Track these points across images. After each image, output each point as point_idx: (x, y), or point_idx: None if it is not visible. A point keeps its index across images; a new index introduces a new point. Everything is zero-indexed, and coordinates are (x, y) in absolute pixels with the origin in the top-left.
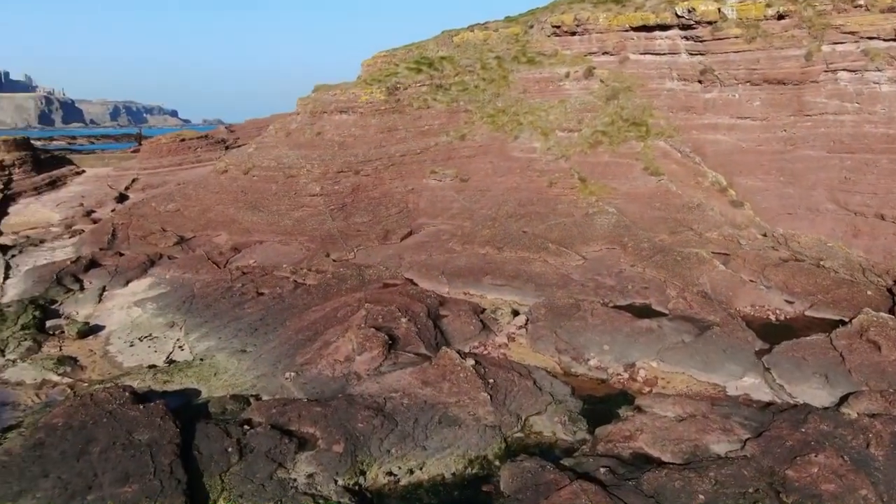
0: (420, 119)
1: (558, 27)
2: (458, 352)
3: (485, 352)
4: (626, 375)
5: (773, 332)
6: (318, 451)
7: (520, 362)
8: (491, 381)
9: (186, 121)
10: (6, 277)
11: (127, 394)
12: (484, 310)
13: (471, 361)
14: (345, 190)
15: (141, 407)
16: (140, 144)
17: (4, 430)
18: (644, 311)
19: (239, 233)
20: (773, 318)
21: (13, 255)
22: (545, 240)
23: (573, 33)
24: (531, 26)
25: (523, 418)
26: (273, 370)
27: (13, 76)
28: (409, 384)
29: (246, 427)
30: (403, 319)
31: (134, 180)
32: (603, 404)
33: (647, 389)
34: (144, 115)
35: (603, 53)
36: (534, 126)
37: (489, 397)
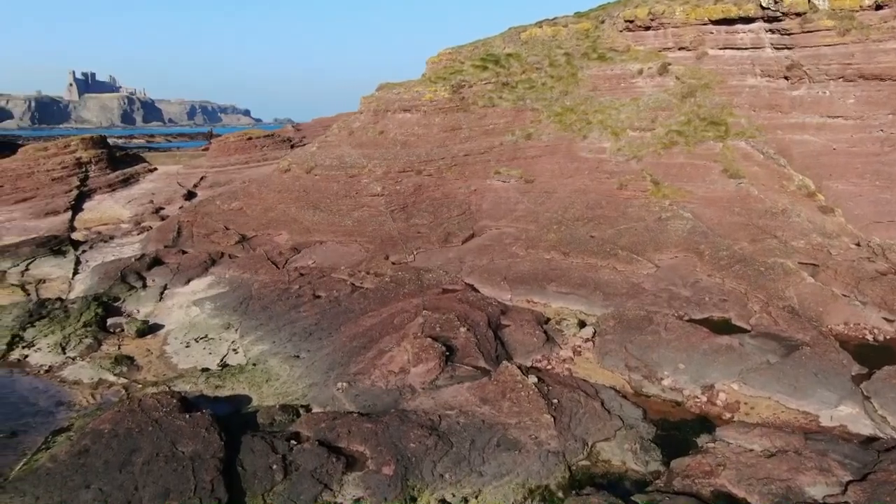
0: (485, 118)
1: (631, 22)
2: (520, 367)
3: (548, 366)
4: (703, 398)
5: (871, 355)
6: (367, 472)
7: (586, 379)
8: (555, 401)
9: (258, 120)
10: (75, 273)
11: (175, 401)
12: (548, 320)
13: (533, 379)
14: (406, 190)
15: (187, 416)
16: (210, 143)
17: (56, 433)
18: (723, 327)
19: (299, 232)
20: (870, 338)
21: (84, 251)
22: (614, 245)
23: (647, 28)
24: (602, 21)
25: (590, 444)
26: (325, 379)
27: (99, 77)
28: (467, 401)
29: (293, 442)
30: (462, 329)
31: (202, 178)
32: (678, 431)
33: (729, 416)
34: (219, 114)
35: (679, 49)
36: (604, 125)
37: (553, 419)
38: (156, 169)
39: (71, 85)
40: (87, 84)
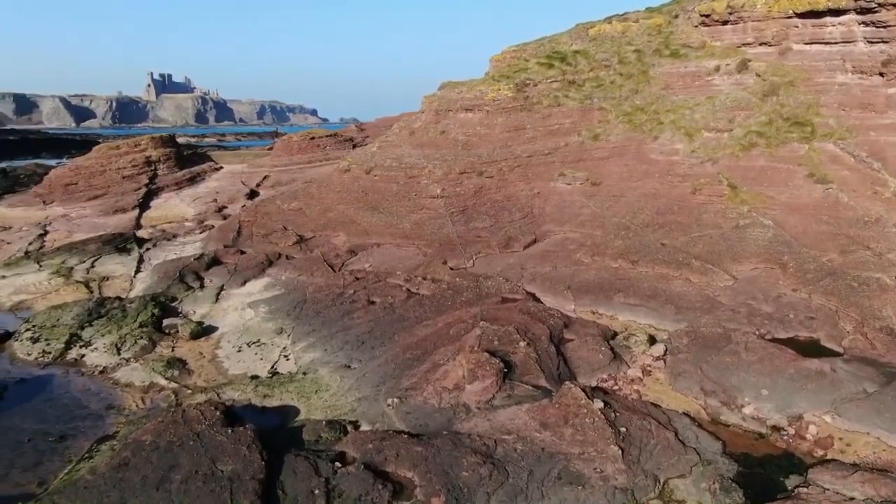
0: (550, 117)
1: (707, 16)
2: (584, 389)
3: (615, 387)
4: (791, 431)
5: None
6: (415, 502)
7: (657, 404)
8: (623, 429)
9: (325, 119)
10: (137, 271)
11: (218, 413)
12: (615, 334)
13: (599, 403)
14: (466, 192)
15: (229, 431)
16: (275, 142)
17: (101, 440)
18: (811, 348)
19: (357, 234)
20: None
21: (147, 249)
22: (687, 254)
23: (725, 22)
24: (676, 16)
25: (662, 481)
26: (375, 393)
27: (175, 78)
28: (525, 425)
29: (337, 465)
30: (522, 343)
31: (265, 177)
32: (763, 469)
33: (821, 453)
34: (287, 113)
35: (760, 44)
36: (676, 126)
37: (620, 451)
38: (221, 168)
39: (149, 86)
40: (164, 85)
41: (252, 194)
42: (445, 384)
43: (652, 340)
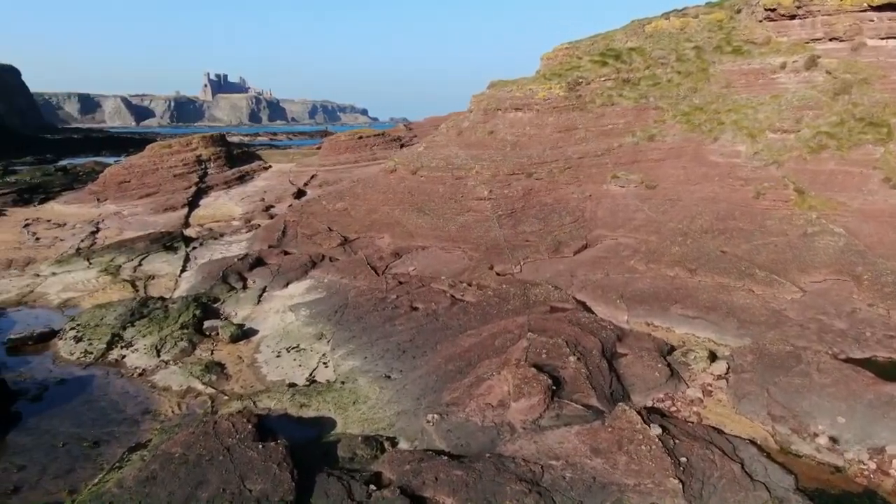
0: (603, 117)
1: (773, 10)
2: (640, 412)
3: (672, 408)
4: (871, 465)
5: None
6: None
7: (719, 429)
8: (683, 459)
9: (374, 119)
10: (183, 270)
11: (250, 426)
12: (672, 349)
13: (657, 429)
14: (515, 194)
15: (260, 447)
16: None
17: (133, 449)
18: (892, 371)
19: (402, 236)
20: None
21: (194, 248)
22: (750, 263)
23: (792, 17)
24: (738, 11)
25: None
26: (415, 407)
27: (231, 79)
28: (575, 450)
29: (372, 487)
30: (572, 358)
31: (312, 176)
32: None
33: None
34: (338, 113)
35: (830, 39)
36: (738, 126)
37: (680, 485)
38: (270, 167)
39: (205, 86)
40: (220, 85)
41: (299, 193)
42: (489, 400)
43: (713, 357)
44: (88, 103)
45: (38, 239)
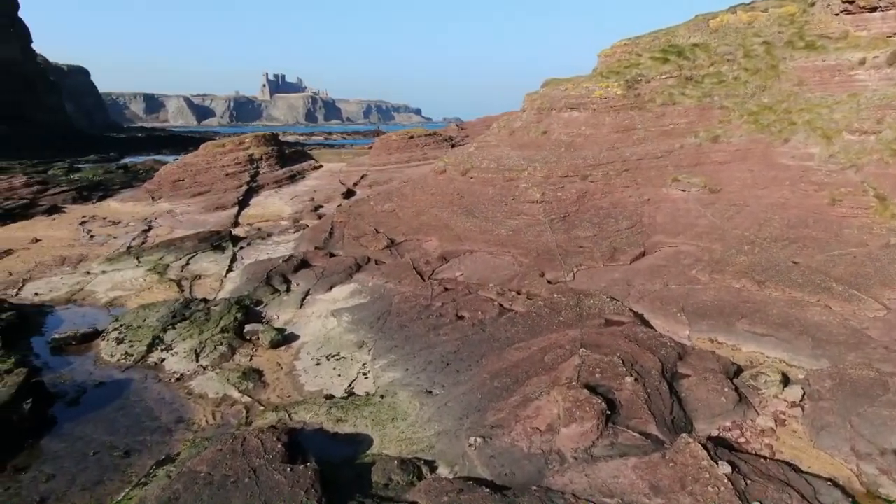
0: (663, 116)
1: (851, 3)
2: (706, 445)
3: (741, 438)
4: None
5: None
6: None
7: (795, 465)
8: None
9: (428, 118)
10: (229, 270)
11: (280, 445)
12: (739, 369)
13: (726, 467)
14: (569, 197)
15: (289, 469)
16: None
17: (160, 463)
18: None
19: (450, 240)
20: None
21: (241, 248)
22: (826, 277)
23: (873, 9)
24: (812, 4)
25: None
26: (457, 427)
27: (288, 79)
28: (632, 486)
29: None
30: (628, 378)
31: (362, 176)
32: None
33: None
34: (392, 113)
35: None
36: (811, 126)
37: None
38: (321, 166)
39: (264, 86)
40: (278, 85)
41: (349, 193)
42: (537, 424)
43: (785, 381)
44: (153, 103)
45: (92, 236)
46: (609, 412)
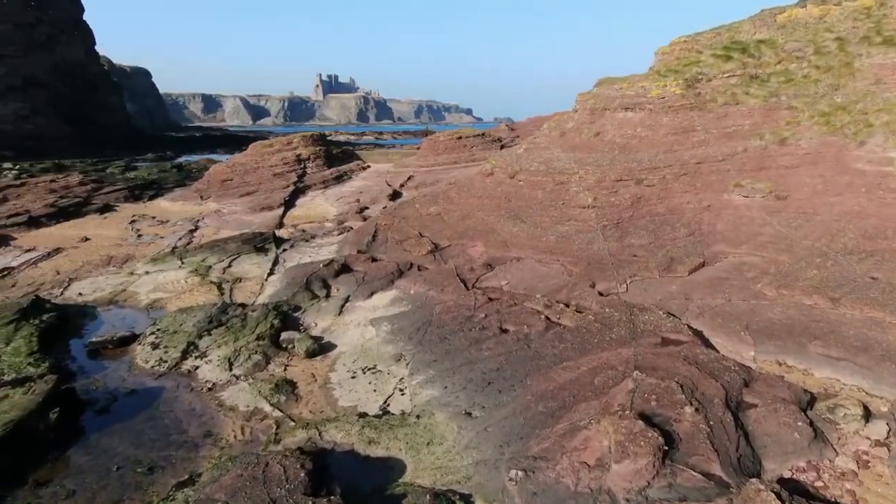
0: (725, 117)
1: None
2: (779, 493)
3: (818, 482)
4: None
5: None
6: None
7: None
8: None
9: (479, 119)
10: (270, 273)
11: (303, 474)
12: (812, 398)
13: None
14: (622, 202)
15: (311, 502)
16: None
17: (182, 484)
18: None
19: (495, 245)
20: None
21: (284, 250)
22: None
23: None
24: None
25: None
26: (497, 457)
27: (341, 79)
28: None
29: None
30: (688, 409)
31: (409, 178)
32: None
33: None
34: (443, 113)
35: None
36: (890, 128)
37: None
38: (368, 167)
39: (317, 86)
40: (331, 85)
41: (395, 195)
42: (585, 458)
43: (867, 414)
44: (211, 103)
45: (139, 236)
46: (666, 447)
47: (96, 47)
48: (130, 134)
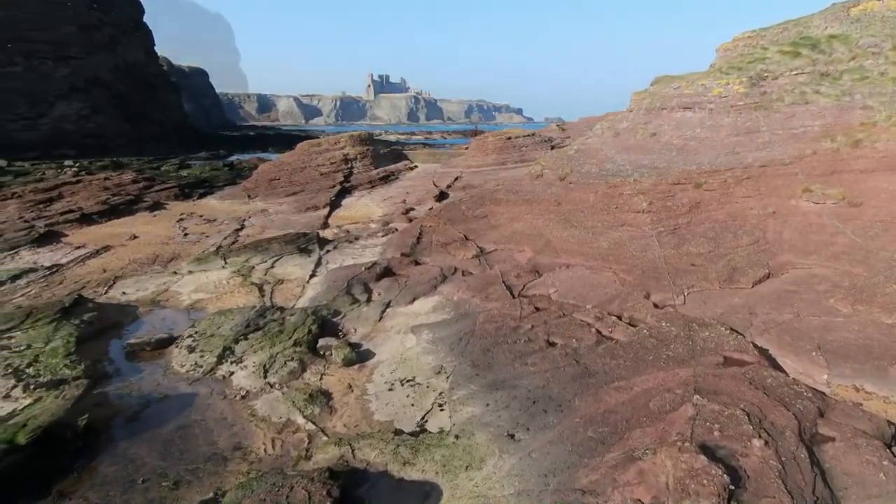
0: (793, 118)
1: None
2: None
3: None
4: None
5: None
6: None
7: None
8: None
9: (529, 119)
10: (312, 275)
11: (329, 501)
12: None
13: None
14: (679, 207)
15: None
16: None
17: (205, 503)
18: None
19: (544, 251)
20: None
21: (328, 251)
22: None
23: None
24: None
25: None
26: (541, 487)
27: (392, 80)
28: None
29: None
30: (757, 442)
31: (456, 178)
32: None
33: None
34: (493, 113)
35: None
36: None
37: None
38: (416, 167)
39: (369, 86)
40: (382, 85)
41: (441, 196)
42: (639, 495)
43: None
44: (265, 103)
45: (186, 234)
46: (732, 486)
47: (155, 48)
48: (187, 132)
